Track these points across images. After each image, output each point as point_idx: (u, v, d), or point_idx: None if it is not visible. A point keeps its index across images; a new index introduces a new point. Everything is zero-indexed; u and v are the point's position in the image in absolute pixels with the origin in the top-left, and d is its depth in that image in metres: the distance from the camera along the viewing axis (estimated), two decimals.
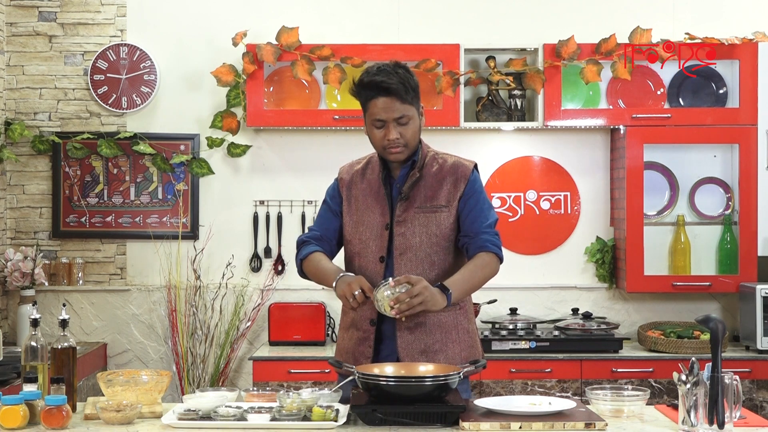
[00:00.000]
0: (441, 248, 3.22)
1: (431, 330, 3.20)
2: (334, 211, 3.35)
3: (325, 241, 3.35)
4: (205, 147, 5.35)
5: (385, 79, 3.12)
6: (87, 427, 2.86)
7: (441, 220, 3.21)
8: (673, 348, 4.91)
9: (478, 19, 5.36)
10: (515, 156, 5.37)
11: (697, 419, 2.70)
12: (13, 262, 5.10)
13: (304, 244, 3.36)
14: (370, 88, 3.15)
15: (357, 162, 3.39)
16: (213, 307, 5.32)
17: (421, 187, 3.23)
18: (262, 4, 5.36)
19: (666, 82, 5.24)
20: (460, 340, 3.23)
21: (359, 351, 3.22)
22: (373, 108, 3.16)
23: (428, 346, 3.18)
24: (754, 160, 5.07)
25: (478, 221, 3.21)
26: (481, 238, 3.20)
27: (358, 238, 3.27)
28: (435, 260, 3.21)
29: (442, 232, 3.22)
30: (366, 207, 3.27)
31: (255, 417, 2.81)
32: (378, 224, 3.23)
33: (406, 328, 3.18)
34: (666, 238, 5.30)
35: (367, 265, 3.23)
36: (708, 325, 2.77)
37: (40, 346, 3.02)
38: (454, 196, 3.22)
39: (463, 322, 3.26)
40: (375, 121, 3.16)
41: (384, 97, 3.13)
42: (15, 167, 5.37)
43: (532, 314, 5.27)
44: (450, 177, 3.24)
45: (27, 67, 5.37)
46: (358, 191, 3.30)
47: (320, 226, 3.37)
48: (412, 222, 3.21)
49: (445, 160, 3.28)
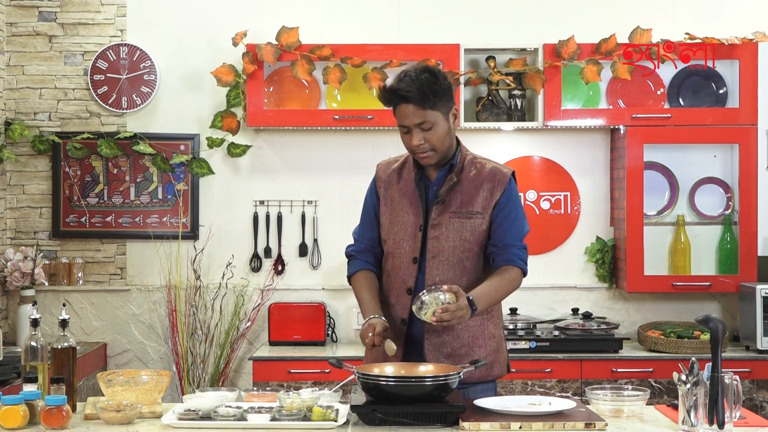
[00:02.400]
0: (473, 254, 3.23)
1: (459, 334, 3.21)
2: (373, 216, 3.36)
3: (369, 252, 3.36)
4: (205, 147, 5.35)
5: (402, 86, 3.13)
6: (87, 427, 2.86)
7: (475, 226, 3.21)
8: (673, 348, 4.91)
9: (478, 19, 5.36)
10: (515, 156, 5.37)
11: (697, 419, 2.70)
12: (13, 262, 5.10)
13: (351, 258, 3.39)
14: (392, 95, 3.17)
15: (394, 160, 3.39)
16: (213, 307, 5.32)
17: (458, 192, 3.22)
18: (262, 4, 5.36)
19: (666, 82, 5.24)
20: (486, 345, 3.24)
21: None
22: (397, 114, 3.19)
23: (455, 350, 3.20)
24: (754, 160, 5.07)
25: (510, 233, 3.23)
26: (509, 251, 3.22)
27: (392, 238, 3.27)
28: (467, 266, 3.22)
29: (476, 239, 3.22)
30: (401, 207, 3.27)
31: (255, 417, 2.81)
32: (412, 225, 3.24)
33: (434, 331, 3.19)
34: (666, 238, 5.31)
35: (401, 266, 3.24)
36: (708, 325, 2.77)
37: (40, 346, 3.02)
38: (489, 204, 3.23)
39: (489, 327, 3.27)
40: (401, 127, 3.19)
41: (404, 104, 3.15)
42: (15, 167, 5.37)
43: (532, 314, 5.27)
44: (487, 183, 3.23)
45: (27, 67, 5.37)
46: (394, 191, 3.30)
47: (362, 236, 3.39)
48: (447, 226, 3.21)
49: (483, 165, 3.27)
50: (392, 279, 3.27)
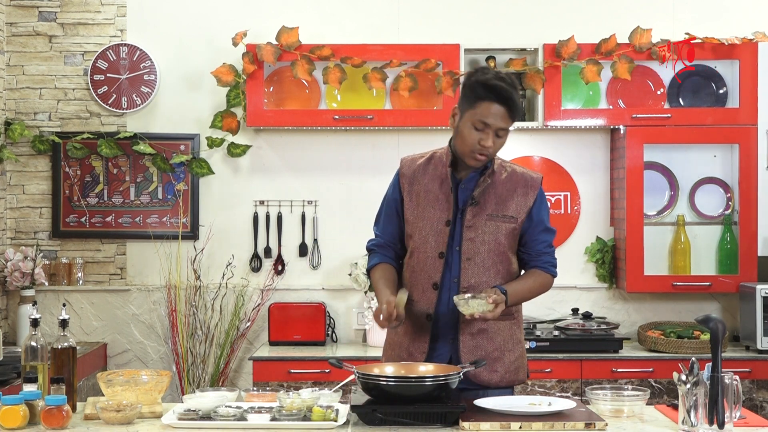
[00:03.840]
0: (505, 257, 3.24)
1: (492, 337, 3.22)
2: (395, 212, 3.34)
3: (389, 248, 3.36)
4: (205, 147, 5.35)
5: (511, 91, 3.12)
6: (87, 427, 2.86)
7: (510, 229, 3.23)
8: (673, 348, 4.91)
9: (478, 19, 5.36)
10: (515, 156, 5.36)
11: (697, 419, 2.70)
12: (13, 262, 5.10)
13: (371, 253, 3.40)
14: (492, 91, 3.12)
15: (420, 156, 3.36)
16: (213, 307, 5.32)
17: (492, 194, 3.23)
18: (262, 4, 5.36)
19: (666, 82, 5.23)
20: (515, 350, 3.27)
21: (414, 346, 3.23)
22: (484, 110, 3.12)
23: (488, 353, 3.21)
24: (754, 160, 5.07)
25: (541, 239, 3.27)
26: (543, 259, 3.29)
27: (418, 233, 3.26)
28: (500, 269, 3.23)
29: (509, 243, 3.24)
30: (428, 202, 3.26)
31: (255, 417, 2.81)
32: (439, 220, 3.23)
33: (468, 333, 3.20)
34: (666, 238, 5.30)
35: (426, 260, 3.23)
36: (708, 325, 2.77)
37: (40, 346, 3.02)
38: (523, 209, 3.24)
39: (517, 333, 3.30)
40: (478, 122, 3.13)
41: (499, 105, 3.11)
42: (15, 167, 5.37)
43: (532, 314, 5.26)
44: (521, 188, 3.25)
45: (27, 67, 5.37)
46: (420, 186, 3.28)
47: (383, 231, 3.38)
48: (483, 228, 3.21)
49: (514, 170, 3.29)
50: (417, 274, 3.24)
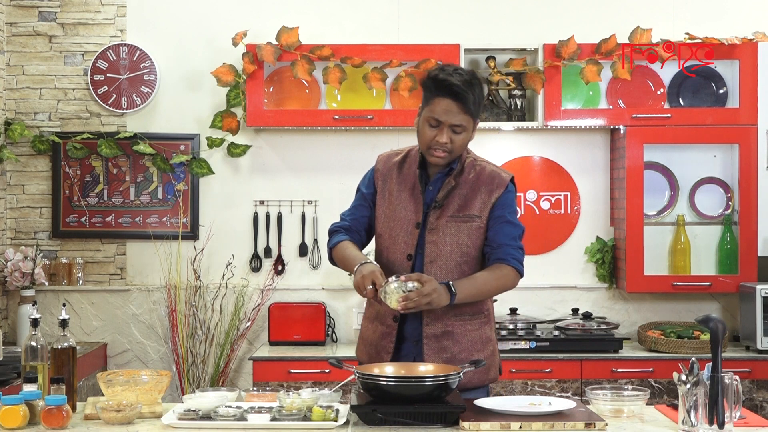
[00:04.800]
0: (471, 258, 3.21)
1: (458, 339, 3.20)
2: (367, 201, 3.33)
3: (355, 232, 3.33)
4: (205, 147, 5.35)
5: (459, 84, 3.08)
6: (87, 427, 2.86)
7: (473, 229, 3.20)
8: (673, 348, 4.91)
9: (478, 19, 5.36)
10: (515, 156, 5.37)
11: (697, 419, 2.70)
12: (13, 262, 5.10)
13: (334, 233, 3.35)
14: (441, 87, 3.10)
15: (396, 153, 3.36)
16: (213, 307, 5.32)
17: (456, 195, 3.21)
18: (262, 4, 5.36)
19: (666, 82, 5.24)
20: (484, 350, 3.24)
21: (381, 345, 3.23)
22: (435, 106, 3.12)
23: (454, 355, 3.19)
24: (754, 160, 5.07)
25: (503, 233, 3.21)
26: (503, 249, 3.20)
27: (388, 232, 3.26)
28: (465, 270, 3.20)
29: (473, 242, 3.21)
30: (399, 202, 3.25)
31: (255, 417, 2.81)
32: (409, 221, 3.22)
33: (433, 335, 3.18)
34: (666, 238, 5.31)
35: (395, 261, 3.23)
36: (708, 325, 2.77)
37: (40, 346, 3.02)
38: (486, 206, 3.21)
39: (487, 332, 3.27)
40: (431, 119, 3.13)
41: (450, 100, 3.09)
42: (15, 167, 5.37)
43: (532, 314, 5.27)
44: (485, 187, 3.22)
45: (27, 67, 5.37)
46: (393, 184, 3.28)
47: (351, 216, 3.35)
48: (444, 230, 3.19)
49: (484, 168, 3.25)
50: (386, 275, 3.25)
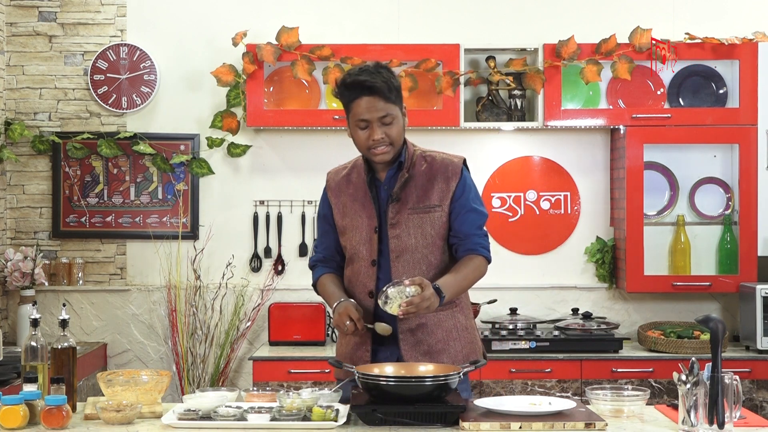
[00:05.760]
0: (437, 248, 3.21)
1: (433, 330, 3.19)
2: (329, 224, 3.35)
3: (330, 260, 3.37)
4: (205, 147, 5.35)
5: (368, 78, 3.09)
6: (87, 427, 2.86)
7: (435, 219, 3.20)
8: (673, 348, 4.91)
9: (478, 19, 5.36)
10: (515, 156, 5.37)
11: (697, 419, 2.70)
12: (13, 262, 5.10)
13: (313, 268, 3.42)
14: (354, 88, 3.12)
15: (342, 167, 3.37)
16: (213, 307, 5.32)
17: (412, 187, 3.21)
18: (262, 4, 5.36)
19: (666, 82, 5.24)
20: (460, 338, 3.23)
21: (357, 356, 3.22)
22: (356, 108, 3.13)
23: (431, 346, 3.18)
24: (754, 160, 5.07)
25: (468, 222, 3.21)
26: (471, 240, 3.20)
27: (350, 243, 3.27)
28: (432, 260, 3.21)
29: (437, 232, 3.21)
30: (354, 212, 3.25)
31: (255, 417, 2.81)
32: (367, 228, 3.22)
33: (408, 330, 3.18)
34: (666, 238, 5.31)
35: (360, 270, 3.23)
36: (708, 325, 2.77)
37: (40, 346, 3.02)
38: (446, 195, 3.20)
39: (461, 320, 3.26)
40: (359, 122, 3.14)
41: (368, 97, 3.10)
42: (15, 167, 5.37)
43: (532, 314, 5.27)
44: (441, 175, 3.21)
45: (27, 67, 5.37)
46: (345, 197, 3.28)
47: (321, 245, 3.39)
48: (406, 224, 3.19)
49: (434, 158, 3.25)
50: (353, 284, 3.26)
